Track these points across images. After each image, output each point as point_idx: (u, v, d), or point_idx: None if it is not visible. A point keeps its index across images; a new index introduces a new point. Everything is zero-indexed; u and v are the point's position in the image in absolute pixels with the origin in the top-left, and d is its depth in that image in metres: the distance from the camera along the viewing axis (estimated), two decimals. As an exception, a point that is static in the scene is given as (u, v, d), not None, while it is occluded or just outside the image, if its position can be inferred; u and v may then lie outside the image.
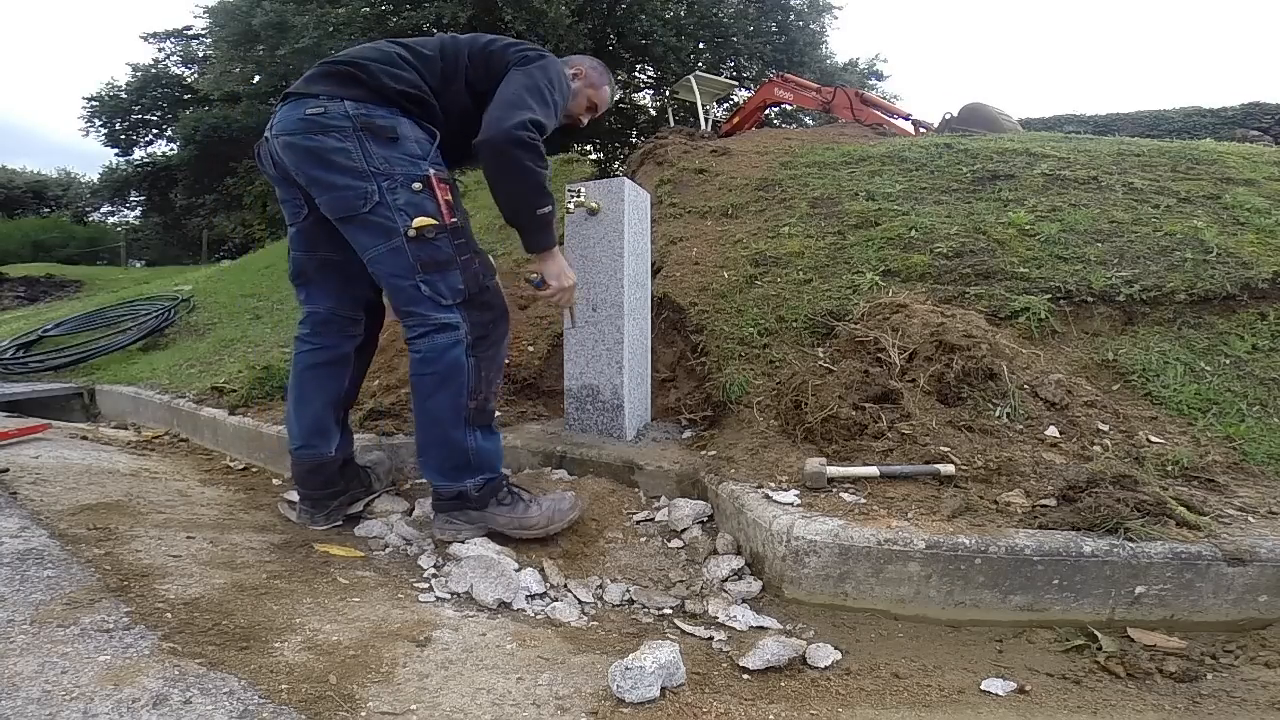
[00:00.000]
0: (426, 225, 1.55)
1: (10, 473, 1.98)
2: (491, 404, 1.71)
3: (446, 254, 1.58)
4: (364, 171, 1.54)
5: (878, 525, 1.45)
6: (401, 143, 1.57)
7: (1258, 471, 1.71)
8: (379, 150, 1.54)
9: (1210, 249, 2.42)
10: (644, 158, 4.68)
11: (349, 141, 1.54)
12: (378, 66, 1.60)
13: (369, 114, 1.55)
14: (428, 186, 1.57)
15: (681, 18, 12.99)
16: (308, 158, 1.56)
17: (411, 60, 1.66)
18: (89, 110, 19.68)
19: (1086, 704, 1.18)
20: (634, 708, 1.07)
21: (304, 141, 1.56)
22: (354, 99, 1.56)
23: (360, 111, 1.55)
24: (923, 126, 6.65)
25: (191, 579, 1.37)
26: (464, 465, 1.65)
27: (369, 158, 1.54)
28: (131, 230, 24.56)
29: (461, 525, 1.70)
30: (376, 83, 1.58)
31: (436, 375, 1.59)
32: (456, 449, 1.64)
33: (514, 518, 1.67)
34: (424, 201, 1.56)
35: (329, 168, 1.55)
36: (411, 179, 1.55)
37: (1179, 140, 3.88)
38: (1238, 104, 11.50)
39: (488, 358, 1.65)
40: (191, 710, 0.95)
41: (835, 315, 2.38)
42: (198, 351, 4.10)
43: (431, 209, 1.56)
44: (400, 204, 1.54)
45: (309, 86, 1.60)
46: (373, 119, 1.55)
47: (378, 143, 1.55)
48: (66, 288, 11.08)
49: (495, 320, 1.68)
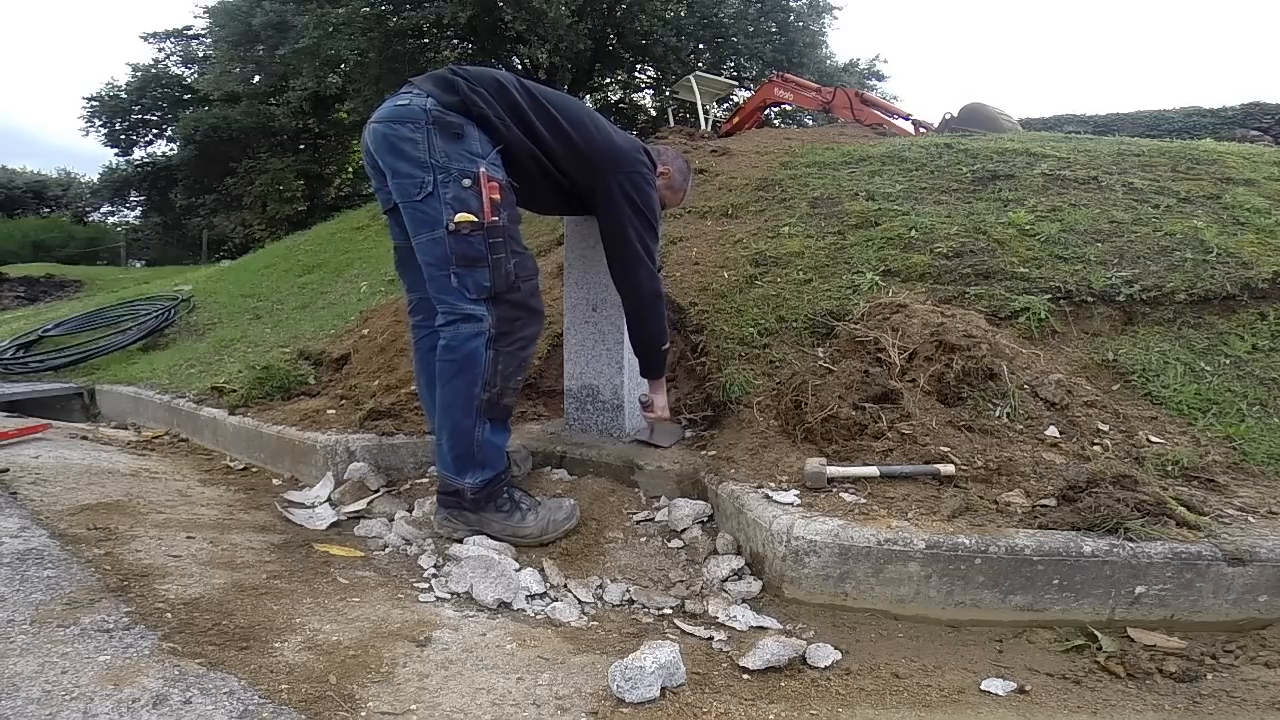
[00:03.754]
0: (465, 221, 1.62)
1: (10, 473, 1.98)
2: (508, 400, 1.74)
3: (479, 251, 1.65)
4: (425, 162, 1.63)
5: (878, 525, 1.44)
6: (465, 140, 1.66)
7: (1258, 471, 1.71)
8: (442, 144, 1.63)
9: (1210, 249, 2.42)
10: (644, 158, 4.66)
11: (419, 133, 1.63)
12: (466, 81, 1.71)
13: (443, 113, 1.65)
14: (476, 184, 1.64)
15: (681, 18, 12.96)
16: (384, 144, 1.68)
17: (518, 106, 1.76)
18: (89, 110, 19.67)
19: (1086, 704, 1.18)
20: (634, 708, 1.07)
21: (384, 129, 1.68)
22: (436, 99, 1.66)
23: (437, 107, 1.65)
24: (923, 126, 6.64)
25: (191, 579, 1.37)
26: (468, 456, 1.69)
27: (432, 150, 1.63)
28: (131, 230, 24.56)
29: (458, 525, 1.74)
30: (466, 97, 1.69)
31: (455, 363, 1.67)
32: (464, 437, 1.69)
33: (508, 526, 1.70)
34: (470, 198, 1.63)
35: (399, 155, 1.65)
36: (464, 175, 1.63)
37: (1179, 140, 3.88)
38: (1238, 104, 11.50)
39: (509, 353, 1.70)
40: (191, 710, 0.95)
41: (835, 315, 2.38)
42: (198, 351, 4.10)
43: (475, 206, 1.63)
44: (449, 198, 1.62)
45: (414, 84, 1.73)
46: (445, 116, 1.65)
47: (444, 137, 1.64)
48: (66, 288, 11.08)
49: (523, 319, 1.73)
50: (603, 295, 2.19)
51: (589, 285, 2.21)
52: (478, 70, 1.79)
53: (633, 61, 15.16)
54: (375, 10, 12.28)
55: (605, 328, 2.20)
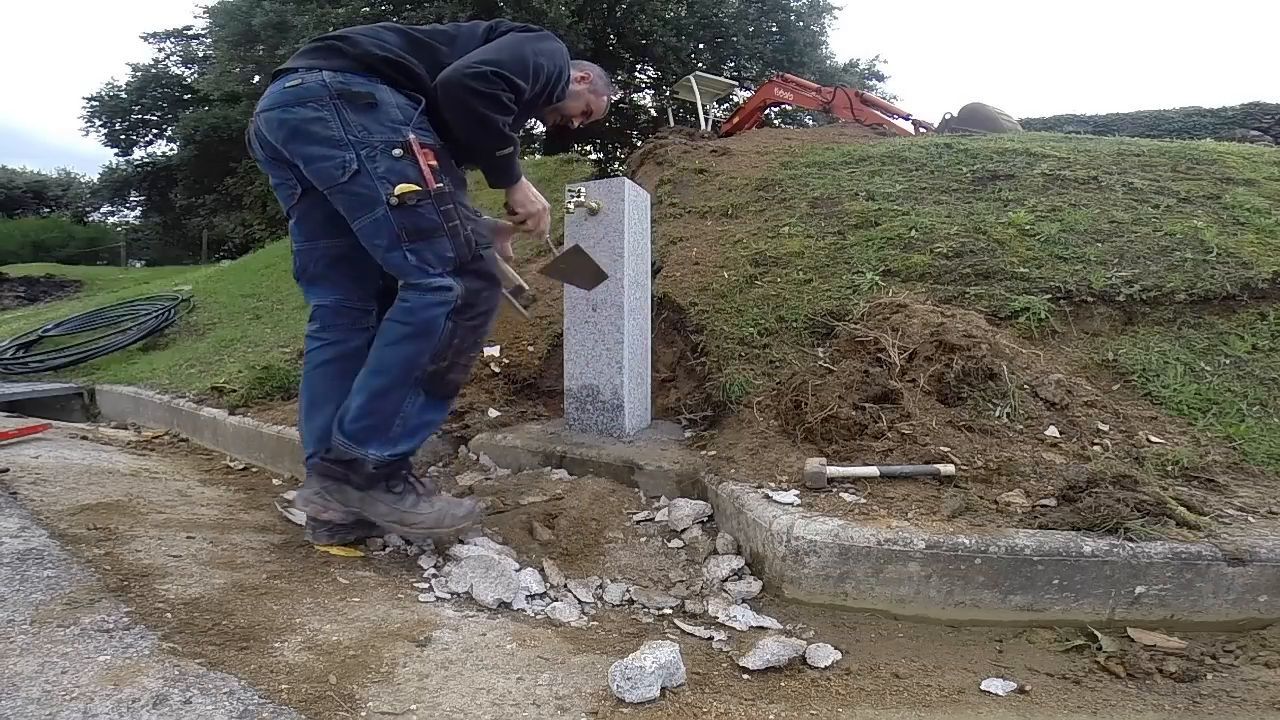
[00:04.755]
0: (409, 191, 1.49)
1: (10, 473, 1.98)
2: (455, 376, 1.61)
3: (432, 220, 1.52)
4: (341, 140, 1.50)
5: (878, 525, 1.44)
6: (381, 109, 1.52)
7: (1258, 471, 1.71)
8: (356, 118, 1.50)
9: (1210, 249, 2.42)
10: (644, 158, 4.67)
11: (325, 110, 1.50)
12: (362, 37, 1.59)
13: (346, 81, 1.52)
14: (409, 152, 1.51)
15: (681, 18, 12.98)
16: (286, 131, 1.53)
17: (402, 43, 1.63)
18: (89, 110, 19.70)
19: (1086, 704, 1.18)
20: (634, 708, 1.07)
21: (281, 115, 1.53)
22: (333, 69, 1.53)
23: (337, 80, 1.52)
24: (923, 126, 6.64)
25: (191, 579, 1.37)
26: (381, 426, 1.54)
27: (346, 126, 1.50)
28: (131, 230, 24.56)
29: (332, 502, 1.57)
30: (358, 50, 1.56)
31: (408, 326, 1.53)
32: (386, 405, 1.53)
33: (397, 510, 1.55)
34: (405, 168, 1.51)
35: (307, 139, 1.51)
36: (391, 145, 1.51)
37: (1179, 140, 3.88)
38: (1238, 104, 11.50)
39: (469, 327, 1.58)
40: (191, 710, 0.95)
41: (835, 315, 2.38)
42: (198, 351, 4.10)
43: (414, 175, 1.51)
44: (380, 172, 1.50)
45: (294, 61, 1.58)
46: (349, 86, 1.51)
47: (354, 110, 1.51)
48: (66, 288, 11.07)
49: (487, 291, 1.61)
50: (603, 295, 2.19)
51: (589, 285, 2.21)
52: (364, 27, 1.65)
53: (633, 61, 15.17)
54: (375, 10, 12.29)
55: (605, 328, 2.20)
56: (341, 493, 1.56)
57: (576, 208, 2.20)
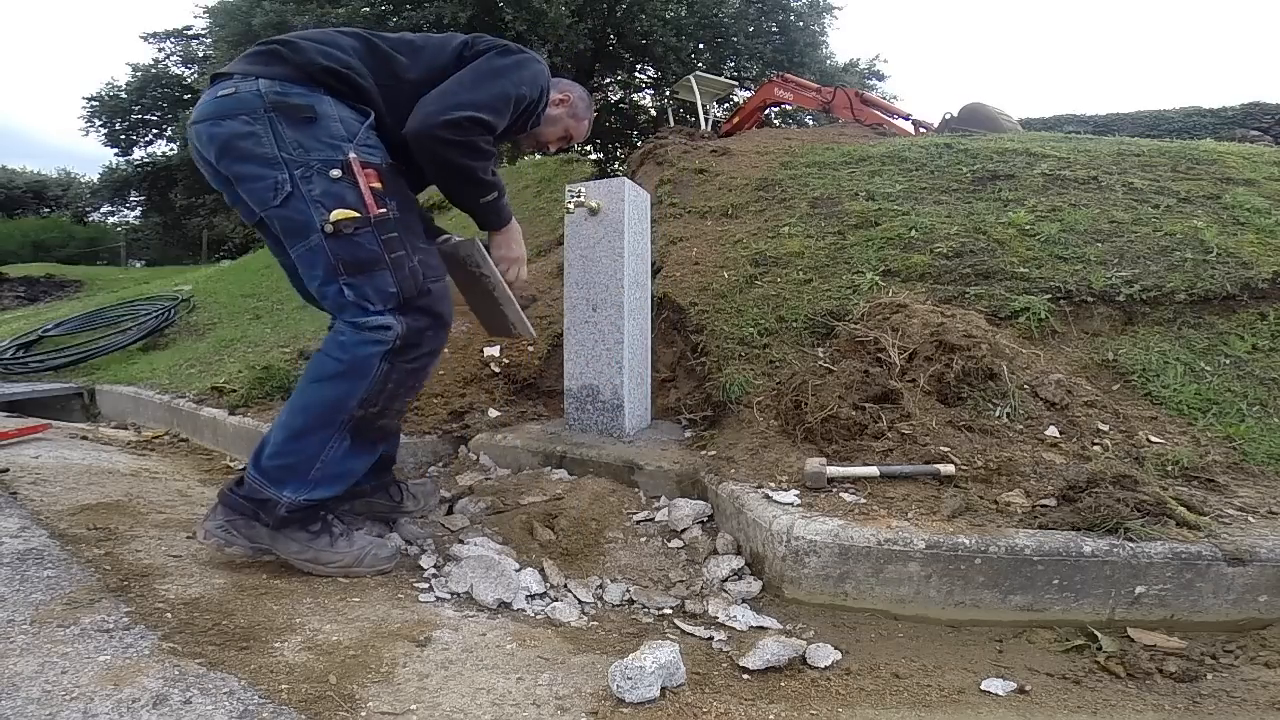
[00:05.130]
0: (345, 219, 1.34)
1: (10, 473, 1.98)
2: (386, 422, 1.47)
3: (371, 251, 1.37)
4: (274, 158, 1.35)
5: (878, 525, 1.44)
6: (320, 123, 1.36)
7: (1258, 471, 1.71)
8: (292, 133, 1.35)
9: (1210, 249, 2.42)
10: (644, 158, 4.67)
11: (258, 124, 1.34)
12: (309, 43, 1.43)
13: (283, 92, 1.36)
14: (347, 172, 1.36)
15: (682, 18, 12.98)
16: (216, 146, 1.38)
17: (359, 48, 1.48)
18: (89, 110, 19.69)
19: (1086, 704, 1.18)
20: (634, 708, 1.07)
21: (211, 129, 1.38)
22: (271, 77, 1.37)
23: (273, 90, 1.36)
24: (923, 126, 6.64)
25: (191, 579, 1.37)
26: (298, 468, 1.40)
27: (280, 142, 1.35)
28: (131, 230, 24.57)
29: (238, 538, 1.42)
30: (301, 57, 1.40)
31: (340, 364, 1.39)
32: (304, 446, 1.40)
33: (311, 549, 1.43)
34: (344, 190, 1.35)
35: (239, 156, 1.36)
36: (330, 165, 1.35)
37: (1179, 140, 3.88)
38: (1238, 104, 11.51)
39: (408, 370, 1.44)
40: (191, 710, 0.95)
41: (835, 315, 2.38)
42: (198, 351, 4.10)
43: (352, 199, 1.36)
44: (315, 195, 1.35)
45: (232, 66, 1.42)
46: (287, 97, 1.35)
47: (291, 124, 1.35)
48: (66, 288, 11.07)
49: (433, 330, 1.46)
50: (602, 295, 2.19)
51: (589, 285, 2.21)
52: (312, 30, 1.49)
53: (633, 61, 15.17)
54: (375, 10, 12.31)
55: (605, 328, 2.20)
56: (250, 529, 1.42)
57: (576, 208, 2.20)
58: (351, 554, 1.48)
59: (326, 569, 1.46)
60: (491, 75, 1.49)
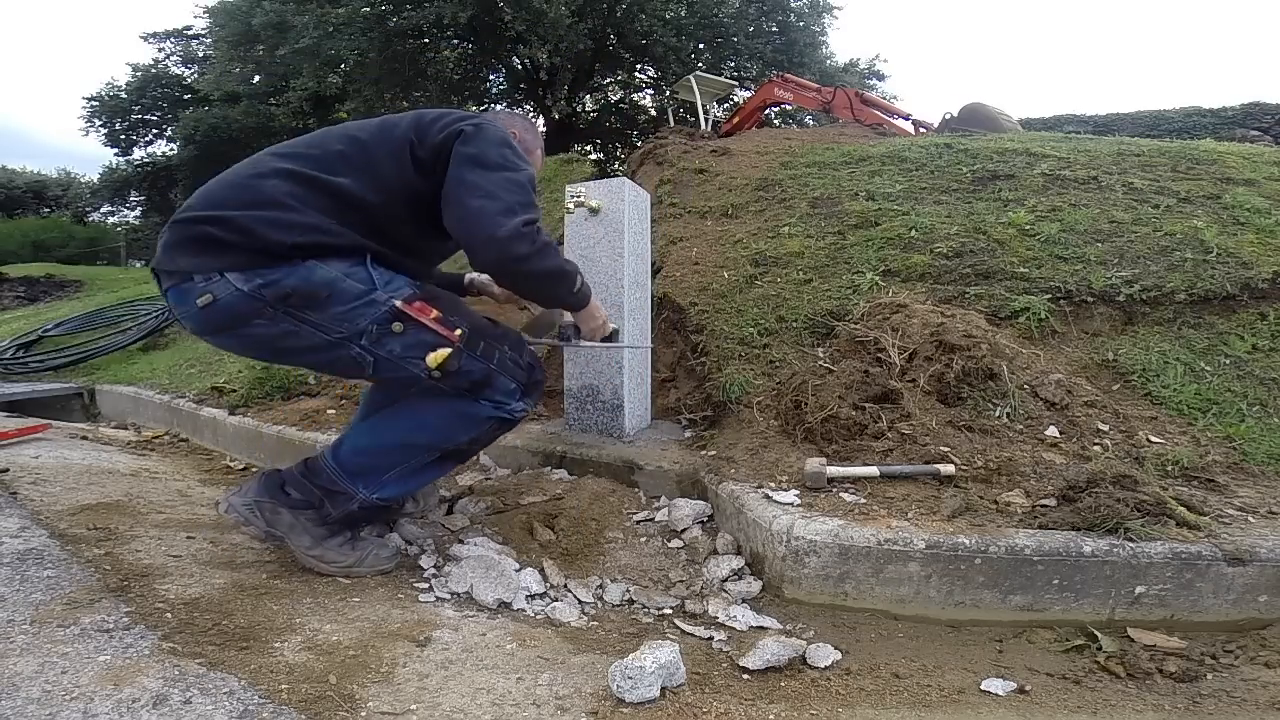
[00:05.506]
0: (443, 360, 1.35)
1: (10, 473, 1.98)
2: (477, 449, 1.58)
3: (480, 368, 1.40)
4: (330, 343, 1.31)
5: (878, 525, 1.44)
6: (337, 297, 1.28)
7: (1258, 471, 1.71)
8: (321, 317, 1.28)
9: (1210, 249, 2.42)
10: (644, 158, 4.67)
11: (282, 323, 1.27)
12: (246, 214, 1.25)
13: (270, 282, 1.24)
14: (406, 320, 1.33)
15: (682, 18, 12.98)
16: (254, 348, 1.35)
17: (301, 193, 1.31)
18: (89, 110, 19.70)
19: (1086, 704, 1.18)
20: (634, 708, 1.07)
21: (230, 340, 1.33)
22: (236, 268, 1.24)
23: (257, 284, 1.24)
24: (923, 126, 6.64)
25: (191, 579, 1.37)
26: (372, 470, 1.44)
27: (319, 329, 1.29)
28: (131, 230, 24.54)
29: (259, 520, 1.43)
30: (257, 243, 1.25)
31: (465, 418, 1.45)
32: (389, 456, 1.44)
33: (321, 548, 1.44)
34: (417, 335, 1.34)
35: (289, 353, 1.35)
36: (384, 321, 1.32)
37: (1179, 140, 3.88)
38: (1238, 104, 11.49)
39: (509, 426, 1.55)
40: (191, 710, 0.95)
41: (835, 315, 2.38)
42: (198, 351, 4.10)
43: (430, 338, 1.35)
44: (398, 354, 1.34)
45: (174, 262, 1.28)
46: (281, 287, 1.24)
47: (314, 308, 1.27)
48: (66, 288, 11.06)
49: (540, 393, 1.57)
50: (602, 295, 2.19)
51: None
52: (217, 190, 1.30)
53: (633, 61, 15.17)
54: (375, 10, 12.30)
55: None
56: (274, 514, 1.44)
57: (577, 208, 2.20)
58: (355, 555, 1.50)
59: (329, 568, 1.48)
60: (496, 167, 1.38)
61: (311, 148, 1.37)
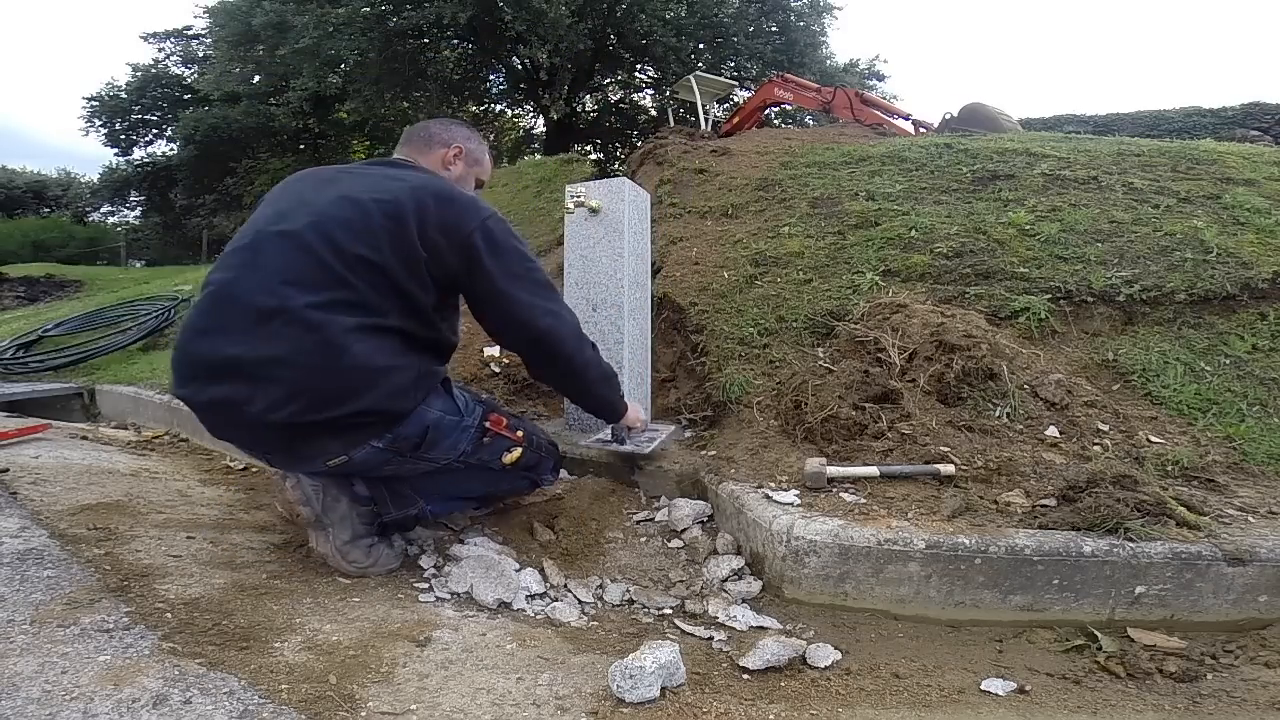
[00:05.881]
0: (516, 458, 1.61)
1: (10, 473, 1.98)
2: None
3: (534, 458, 1.67)
4: (438, 468, 1.50)
5: (878, 525, 1.44)
6: (444, 432, 1.46)
7: (1258, 471, 1.71)
8: (434, 453, 1.46)
9: (1210, 249, 2.42)
10: (644, 158, 4.67)
11: (405, 464, 1.46)
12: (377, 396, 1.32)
13: (397, 438, 1.39)
14: (491, 434, 1.56)
15: (682, 18, 12.98)
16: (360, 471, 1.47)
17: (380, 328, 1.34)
18: (89, 110, 19.71)
19: (1086, 704, 1.18)
20: (634, 708, 1.07)
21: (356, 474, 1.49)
22: (376, 438, 1.38)
23: (389, 440, 1.38)
24: (923, 126, 6.64)
25: (191, 579, 1.37)
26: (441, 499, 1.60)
27: (434, 460, 1.48)
28: (131, 230, 24.56)
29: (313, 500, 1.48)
30: (387, 416, 1.36)
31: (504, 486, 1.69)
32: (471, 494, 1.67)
33: (354, 542, 1.50)
34: (498, 443, 1.58)
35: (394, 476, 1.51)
36: (478, 439, 1.53)
37: (1179, 140, 3.88)
38: (1238, 104, 11.50)
39: None
40: (191, 710, 0.95)
41: (835, 315, 2.38)
42: (198, 351, 4.09)
43: (506, 444, 1.59)
44: (485, 458, 1.57)
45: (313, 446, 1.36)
46: (407, 440, 1.40)
47: (429, 448, 1.45)
48: (66, 288, 11.06)
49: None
50: (602, 295, 2.19)
51: (589, 285, 2.21)
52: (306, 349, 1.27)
53: (633, 61, 15.18)
54: (375, 10, 12.30)
55: (605, 328, 2.20)
56: (334, 501, 1.49)
57: (577, 208, 2.20)
58: (371, 559, 1.54)
59: (349, 566, 1.50)
60: (520, 261, 1.49)
61: (342, 286, 1.31)
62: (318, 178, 1.50)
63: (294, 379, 1.26)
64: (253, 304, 1.28)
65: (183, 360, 1.36)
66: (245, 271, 1.32)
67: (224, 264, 1.38)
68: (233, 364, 1.27)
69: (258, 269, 1.31)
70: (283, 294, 1.27)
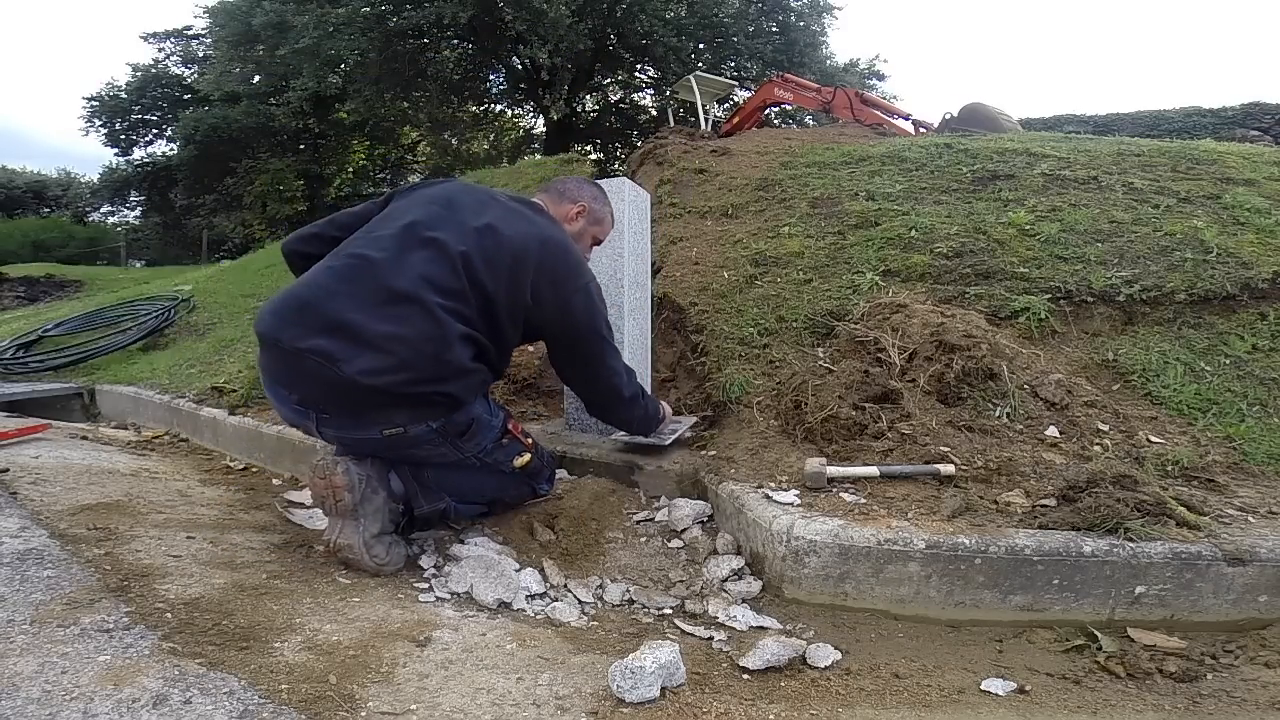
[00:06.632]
0: (525, 463, 1.73)
1: (10, 473, 1.98)
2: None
3: (537, 466, 1.79)
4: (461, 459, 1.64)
5: (878, 525, 1.44)
6: (481, 429, 1.62)
7: (1258, 471, 1.71)
8: (468, 445, 1.62)
9: (1210, 249, 2.42)
10: (644, 158, 4.67)
11: (440, 447, 1.59)
12: (457, 387, 1.52)
13: (450, 422, 1.55)
14: (509, 435, 1.70)
15: (682, 18, 12.97)
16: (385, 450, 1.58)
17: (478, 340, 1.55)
18: (89, 110, 19.67)
19: (1086, 704, 1.18)
20: (634, 708, 1.07)
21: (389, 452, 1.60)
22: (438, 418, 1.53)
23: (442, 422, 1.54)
24: (923, 126, 6.64)
25: (191, 579, 1.37)
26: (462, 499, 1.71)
27: (462, 450, 1.62)
28: (131, 230, 24.54)
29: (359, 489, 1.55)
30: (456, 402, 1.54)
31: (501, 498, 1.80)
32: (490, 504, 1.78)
33: (379, 537, 1.56)
34: (513, 446, 1.71)
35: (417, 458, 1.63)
36: (498, 439, 1.68)
37: (1179, 140, 3.88)
38: (1238, 104, 11.50)
39: None
40: (191, 710, 0.95)
41: (835, 315, 2.38)
42: (198, 351, 4.10)
43: (518, 447, 1.72)
44: (499, 459, 1.69)
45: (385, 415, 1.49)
46: (457, 425, 1.57)
47: (467, 439, 1.61)
48: (66, 288, 11.06)
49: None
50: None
51: (589, 285, 2.21)
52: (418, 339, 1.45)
53: (633, 61, 15.17)
54: (375, 10, 12.30)
55: (605, 328, 2.19)
56: (373, 493, 1.56)
57: (576, 208, 2.19)
58: (389, 556, 1.57)
59: (369, 561, 1.53)
60: (604, 325, 1.73)
61: (462, 300, 1.51)
62: (474, 198, 1.66)
63: (407, 355, 1.43)
64: (390, 286, 1.45)
65: (292, 307, 1.48)
66: (393, 257, 1.49)
67: (375, 244, 1.53)
68: (347, 326, 1.42)
69: (403, 261, 1.49)
70: (421, 288, 1.46)
